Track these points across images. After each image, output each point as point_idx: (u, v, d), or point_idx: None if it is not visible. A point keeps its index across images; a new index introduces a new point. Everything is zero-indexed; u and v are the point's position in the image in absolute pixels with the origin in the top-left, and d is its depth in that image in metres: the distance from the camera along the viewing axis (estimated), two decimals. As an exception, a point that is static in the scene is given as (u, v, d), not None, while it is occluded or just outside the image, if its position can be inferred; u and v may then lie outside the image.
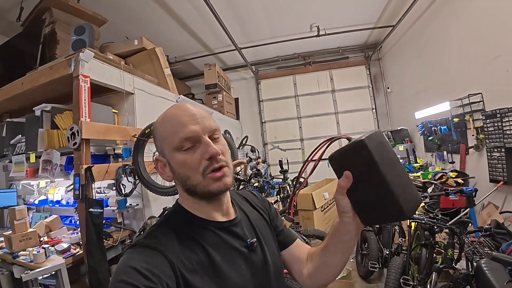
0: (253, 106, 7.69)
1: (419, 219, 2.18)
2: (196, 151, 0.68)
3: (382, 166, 0.56)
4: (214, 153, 0.67)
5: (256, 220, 0.83)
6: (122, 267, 0.58)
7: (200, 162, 0.67)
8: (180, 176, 0.70)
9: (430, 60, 4.83)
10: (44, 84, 2.71)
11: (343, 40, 6.60)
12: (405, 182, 0.58)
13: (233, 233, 0.74)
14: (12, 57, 3.42)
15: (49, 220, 2.81)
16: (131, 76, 3.11)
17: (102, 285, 2.31)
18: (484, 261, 1.77)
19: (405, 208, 0.54)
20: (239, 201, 0.87)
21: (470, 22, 3.72)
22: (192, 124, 0.67)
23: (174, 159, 0.69)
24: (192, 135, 0.67)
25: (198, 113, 0.70)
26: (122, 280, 0.54)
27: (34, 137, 2.74)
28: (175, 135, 0.68)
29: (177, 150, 0.68)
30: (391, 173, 0.56)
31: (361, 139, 0.58)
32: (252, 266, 0.73)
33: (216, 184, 0.68)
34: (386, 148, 0.60)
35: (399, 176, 0.58)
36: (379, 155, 0.57)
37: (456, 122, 4.02)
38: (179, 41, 5.74)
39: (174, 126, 0.69)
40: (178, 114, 0.70)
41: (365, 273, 3.18)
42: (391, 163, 0.58)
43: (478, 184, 3.62)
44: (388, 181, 0.55)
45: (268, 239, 0.82)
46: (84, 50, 2.49)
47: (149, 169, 2.78)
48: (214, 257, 0.67)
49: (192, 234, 0.69)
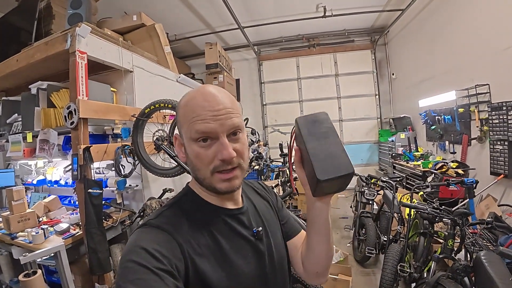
0: (254, 87, 7.57)
1: (423, 209, 2.18)
2: (212, 148, 0.65)
3: (306, 138, 0.64)
4: (227, 158, 0.64)
5: (263, 210, 0.83)
6: (133, 247, 0.58)
7: (213, 160, 0.65)
8: (192, 165, 0.69)
9: (437, 48, 4.71)
10: (40, 60, 2.61)
11: (350, 23, 6.41)
12: (330, 152, 0.62)
13: (240, 221, 0.74)
14: (7, 33, 3.29)
15: (48, 200, 2.79)
16: (130, 53, 3.00)
17: (102, 266, 2.33)
18: (483, 253, 1.78)
19: (317, 172, 0.59)
20: (247, 191, 0.87)
21: (481, 11, 3.60)
22: (212, 120, 0.63)
23: (190, 147, 0.68)
24: (209, 131, 0.64)
25: (223, 107, 0.65)
26: (133, 260, 0.54)
27: (30, 116, 2.67)
28: (192, 126, 0.65)
29: (193, 141, 0.66)
30: (315, 144, 0.63)
31: (296, 118, 0.69)
32: (258, 254, 0.73)
33: (224, 184, 0.67)
34: (319, 125, 0.67)
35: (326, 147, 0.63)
36: (307, 129, 0.66)
37: (461, 113, 3.97)
38: (180, 18, 5.54)
39: (194, 116, 0.65)
40: (201, 105, 0.65)
41: (362, 258, 3.23)
42: (321, 136, 0.65)
43: (478, 176, 3.62)
44: (308, 149, 0.62)
45: (274, 229, 0.82)
46: (80, 24, 2.37)
47: (149, 150, 2.74)
48: (221, 242, 0.67)
49: (201, 219, 0.69)
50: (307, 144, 0.63)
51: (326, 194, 0.67)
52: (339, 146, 0.64)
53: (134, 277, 0.52)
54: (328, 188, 0.62)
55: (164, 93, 3.00)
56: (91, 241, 2.27)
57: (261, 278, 0.72)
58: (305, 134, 0.65)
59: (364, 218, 3.36)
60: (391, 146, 6.00)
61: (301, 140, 0.66)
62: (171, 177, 2.64)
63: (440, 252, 2.10)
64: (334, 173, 0.59)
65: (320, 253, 0.77)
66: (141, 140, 2.72)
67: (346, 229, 3.87)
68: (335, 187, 0.63)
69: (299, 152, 0.70)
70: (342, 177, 0.59)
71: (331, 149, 0.63)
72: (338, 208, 5.55)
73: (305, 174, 0.69)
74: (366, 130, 7.13)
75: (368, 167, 6.84)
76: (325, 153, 0.62)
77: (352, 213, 4.43)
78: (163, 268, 0.54)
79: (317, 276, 0.83)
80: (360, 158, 7.13)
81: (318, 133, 0.65)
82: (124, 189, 2.78)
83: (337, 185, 0.62)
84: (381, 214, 3.51)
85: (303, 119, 0.68)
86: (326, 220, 0.73)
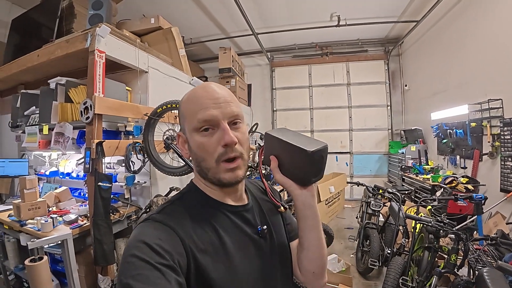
0: (266, 93, 7.62)
1: (427, 221, 2.15)
2: (214, 136, 0.68)
3: (282, 136, 0.72)
4: (230, 141, 0.66)
5: (268, 209, 0.84)
6: (135, 241, 0.58)
7: (216, 147, 0.67)
8: (196, 157, 0.70)
9: (451, 61, 4.66)
10: (60, 57, 2.72)
11: (364, 32, 6.41)
12: (304, 138, 0.71)
13: (244, 218, 0.75)
14: (28, 29, 3.42)
15: (59, 191, 2.87)
16: (146, 55, 3.10)
17: (106, 257, 2.39)
18: (486, 270, 1.74)
19: (306, 148, 0.65)
20: (253, 189, 0.87)
21: (496, 25, 3.56)
22: (213, 108, 0.67)
23: (192, 139, 0.69)
24: (210, 118, 0.67)
25: (222, 96, 0.69)
26: (135, 255, 0.54)
27: (48, 109, 2.77)
28: (195, 115, 0.67)
29: (196, 131, 0.68)
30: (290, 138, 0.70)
31: (265, 133, 0.77)
32: (261, 252, 0.73)
33: (228, 175, 0.68)
34: (285, 131, 0.75)
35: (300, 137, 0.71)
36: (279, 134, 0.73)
37: (473, 127, 3.90)
38: (196, 22, 5.67)
39: (195, 107, 0.68)
40: (201, 95, 0.69)
41: (364, 269, 3.19)
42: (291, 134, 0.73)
43: (488, 192, 3.54)
44: (288, 141, 0.69)
45: (278, 228, 0.83)
46: (101, 25, 2.47)
47: (159, 148, 2.81)
48: (224, 239, 0.67)
49: (205, 215, 0.69)
50: (284, 138, 0.70)
51: (313, 180, 0.70)
52: (306, 135, 0.74)
53: (135, 273, 0.52)
54: (314, 167, 0.68)
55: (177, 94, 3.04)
56: (97, 232, 2.33)
57: (263, 277, 0.72)
58: (280, 136, 0.72)
59: (369, 229, 3.32)
60: (401, 158, 5.91)
61: (275, 144, 0.72)
62: (179, 176, 2.69)
63: (443, 266, 2.07)
64: (317, 145, 0.66)
65: (315, 250, 0.76)
66: (151, 138, 2.79)
67: (351, 240, 3.83)
68: (318, 167, 0.68)
69: (275, 159, 0.72)
70: (322, 150, 0.67)
71: (304, 137, 0.72)
72: (344, 218, 5.50)
73: (287, 175, 0.72)
74: (376, 141, 7.05)
75: (377, 178, 6.75)
76: (301, 139, 0.70)
77: (357, 224, 4.38)
78: (165, 263, 0.54)
79: (315, 277, 0.80)
80: (369, 169, 7.05)
81: (289, 133, 0.74)
82: (132, 185, 2.84)
83: (319, 165, 0.68)
84: (386, 226, 3.46)
85: (273, 131, 0.76)
86: (316, 214, 0.73)
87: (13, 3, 4.25)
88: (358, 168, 7.11)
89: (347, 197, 6.80)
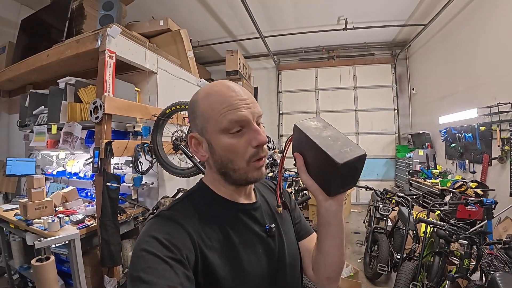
0: (272, 96, 7.62)
1: (440, 225, 2.11)
2: (243, 137, 0.66)
3: (312, 135, 0.64)
4: (263, 142, 0.66)
5: (276, 208, 0.82)
6: (145, 236, 0.59)
7: (247, 148, 0.66)
8: (222, 159, 0.68)
9: (459, 64, 4.62)
10: (70, 57, 2.73)
11: (371, 36, 6.40)
12: (337, 139, 0.63)
13: (252, 217, 0.74)
14: (37, 30, 3.44)
15: (66, 190, 2.87)
16: (155, 56, 3.11)
17: (113, 258, 2.37)
18: (499, 274, 1.72)
19: (335, 158, 0.57)
20: (261, 188, 0.87)
21: (504, 29, 3.54)
22: (244, 108, 0.65)
23: (219, 140, 0.66)
24: (243, 119, 0.65)
25: (248, 97, 0.68)
26: (145, 249, 0.55)
27: (56, 109, 2.79)
28: (224, 116, 0.64)
29: (224, 133, 0.65)
30: (321, 138, 0.63)
31: (294, 124, 0.68)
32: (269, 251, 0.73)
33: (256, 173, 0.68)
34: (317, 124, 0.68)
35: (332, 137, 0.64)
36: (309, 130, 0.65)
37: (482, 131, 3.85)
38: (203, 25, 5.70)
39: (223, 106, 0.65)
40: (228, 95, 0.66)
41: (373, 275, 3.13)
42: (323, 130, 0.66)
43: (498, 197, 3.48)
44: (318, 143, 0.61)
45: (287, 228, 0.82)
46: (111, 25, 2.49)
47: (167, 149, 2.80)
48: (232, 237, 0.67)
49: (213, 212, 0.70)
50: (313, 137, 0.62)
51: (341, 191, 0.64)
52: (342, 135, 0.65)
53: (145, 266, 0.53)
54: (344, 179, 0.61)
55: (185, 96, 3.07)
56: (104, 233, 2.32)
57: (270, 276, 0.71)
58: (308, 132, 0.64)
59: (377, 234, 3.27)
60: (409, 162, 5.85)
61: (302, 139, 0.65)
62: (187, 177, 2.68)
63: (456, 271, 2.03)
64: (350, 155, 0.58)
65: (333, 257, 0.75)
66: (160, 139, 2.79)
67: (358, 244, 3.77)
68: (349, 178, 0.62)
69: (301, 157, 0.68)
70: (358, 160, 0.59)
71: (340, 137, 0.64)
72: (351, 222, 5.43)
73: (313, 178, 0.66)
74: (383, 145, 7.00)
75: (384, 183, 6.68)
76: (335, 141, 0.62)
77: (364, 229, 4.32)
78: (174, 257, 0.55)
79: (328, 281, 0.79)
80: (375, 173, 6.98)
81: (322, 129, 0.66)
82: (140, 186, 2.83)
83: (352, 175, 0.61)
84: (395, 231, 3.41)
85: (303, 122, 0.68)
86: (340, 222, 0.70)
87: (22, 4, 4.30)
88: (365, 172, 6.97)
89: (354, 202, 6.74)
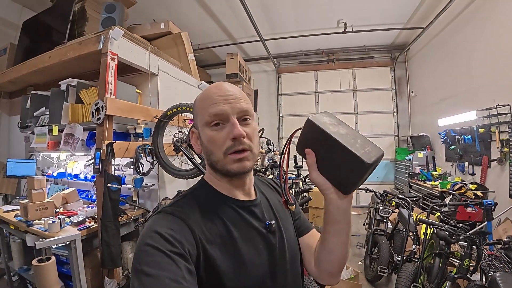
0: (272, 99, 7.65)
1: (440, 225, 2.12)
2: (223, 130, 0.70)
3: (332, 132, 0.60)
4: (238, 135, 0.68)
5: (276, 204, 0.84)
6: (148, 231, 0.61)
7: (225, 141, 0.69)
8: (206, 151, 0.73)
9: (458, 67, 4.66)
10: (71, 59, 2.73)
11: (370, 39, 6.45)
12: (356, 136, 0.62)
13: (252, 213, 0.76)
14: (39, 32, 3.45)
15: (66, 192, 2.87)
16: (157, 58, 3.13)
17: (113, 259, 2.37)
18: (499, 274, 1.73)
19: (363, 157, 0.56)
20: (261, 186, 0.89)
21: (502, 32, 3.57)
22: (223, 103, 0.70)
23: (203, 133, 0.73)
24: (220, 112, 0.70)
25: (233, 93, 0.73)
26: (148, 244, 0.57)
27: (58, 110, 2.79)
28: (206, 111, 0.71)
29: (206, 125, 0.71)
30: (341, 137, 0.60)
31: (308, 119, 0.64)
32: (269, 246, 0.74)
33: (236, 165, 0.70)
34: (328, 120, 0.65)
35: (349, 135, 0.61)
36: (326, 126, 0.62)
37: (481, 133, 3.88)
38: (204, 28, 5.73)
39: (207, 103, 0.72)
40: (214, 92, 0.73)
41: (373, 277, 3.13)
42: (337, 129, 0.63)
43: (497, 199, 3.50)
44: (337, 139, 0.59)
45: (286, 224, 0.83)
46: (114, 27, 2.50)
47: (168, 151, 2.81)
48: (233, 232, 0.69)
49: (214, 208, 0.72)
50: (334, 134, 0.59)
51: (354, 188, 0.63)
52: (357, 132, 0.65)
53: (148, 259, 0.55)
54: (363, 177, 0.60)
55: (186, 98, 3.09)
56: (105, 234, 2.32)
57: (270, 271, 0.72)
58: (326, 128, 0.61)
59: (377, 236, 3.27)
60: (408, 164, 5.87)
61: (317, 135, 0.62)
62: (187, 178, 2.68)
63: (456, 272, 2.04)
64: (375, 155, 0.57)
65: (339, 254, 0.75)
66: (161, 141, 2.79)
67: (358, 247, 3.77)
68: (365, 178, 0.60)
69: (313, 154, 0.65)
70: (379, 159, 0.58)
71: (356, 135, 0.62)
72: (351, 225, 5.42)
73: (325, 176, 0.64)
74: (383, 148, 6.73)
75: (384, 185, 6.68)
76: (353, 139, 0.59)
77: (364, 231, 4.32)
78: (176, 251, 0.57)
79: (330, 276, 0.81)
80: (375, 176, 6.98)
81: (335, 125, 0.63)
82: (140, 187, 2.82)
83: (368, 175, 0.60)
84: (395, 233, 3.41)
85: (319, 118, 0.64)
86: (349, 220, 0.70)
87: (24, 6, 4.32)
88: (364, 175, 7.04)
89: (353, 204, 6.66)
